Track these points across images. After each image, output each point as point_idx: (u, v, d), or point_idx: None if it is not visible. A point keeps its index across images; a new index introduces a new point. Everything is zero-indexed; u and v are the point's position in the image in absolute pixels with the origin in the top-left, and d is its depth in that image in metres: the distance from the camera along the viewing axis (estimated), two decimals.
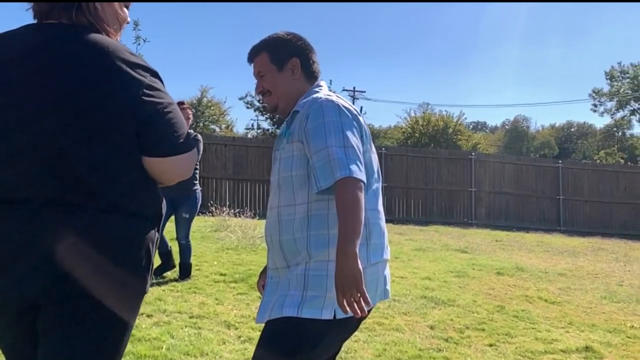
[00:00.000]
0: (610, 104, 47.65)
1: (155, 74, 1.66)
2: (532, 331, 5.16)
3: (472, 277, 7.75)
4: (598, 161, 38.73)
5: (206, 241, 9.34)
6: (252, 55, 2.26)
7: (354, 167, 1.90)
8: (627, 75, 45.66)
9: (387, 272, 2.20)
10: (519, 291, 7.04)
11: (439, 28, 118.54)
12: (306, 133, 2.01)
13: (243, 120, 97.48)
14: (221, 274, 6.61)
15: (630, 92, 44.63)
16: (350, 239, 1.81)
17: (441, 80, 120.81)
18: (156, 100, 1.62)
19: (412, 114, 37.27)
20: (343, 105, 2.07)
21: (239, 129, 45.49)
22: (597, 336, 5.14)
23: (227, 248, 8.73)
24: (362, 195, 1.87)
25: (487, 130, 76.47)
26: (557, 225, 17.81)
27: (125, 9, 1.80)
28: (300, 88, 2.22)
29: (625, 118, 49.37)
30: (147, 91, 1.61)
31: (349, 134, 1.99)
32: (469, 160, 18.06)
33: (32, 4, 1.70)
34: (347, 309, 1.80)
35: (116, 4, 1.75)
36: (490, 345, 4.66)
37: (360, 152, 1.99)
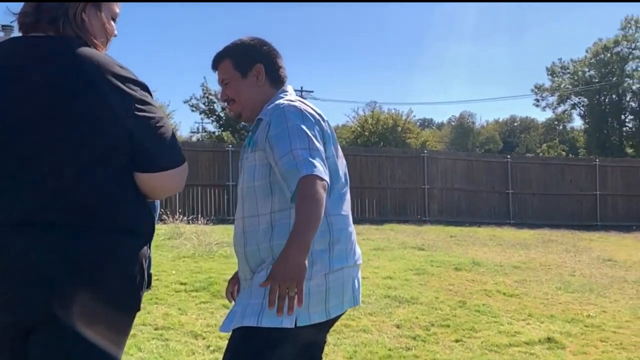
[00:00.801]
0: (552, 99, 49.04)
1: (145, 88, 1.62)
2: (495, 325, 5.27)
3: (432, 274, 7.85)
4: (541, 154, 39.86)
5: (161, 250, 9.15)
6: (216, 63, 2.22)
7: (318, 166, 1.87)
8: (568, 70, 47.04)
9: (358, 277, 2.18)
10: (478, 286, 7.18)
11: (386, 26, 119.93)
12: (269, 140, 1.97)
13: (187, 123, 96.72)
14: (181, 283, 6.50)
15: (570, 87, 46.03)
16: (304, 232, 1.76)
17: (388, 78, 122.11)
18: (148, 115, 1.58)
19: (361, 113, 37.59)
20: (306, 110, 2.05)
21: (183, 133, 44.85)
22: (557, 327, 5.28)
23: (183, 256, 8.57)
24: (323, 194, 1.84)
25: (434, 127, 77.72)
26: (507, 218, 18.22)
27: (112, 22, 1.75)
28: (266, 94, 2.17)
29: (566, 112, 50.91)
30: (139, 106, 1.57)
31: (312, 137, 1.96)
32: (421, 158, 18.29)
33: (17, 16, 1.64)
34: (275, 302, 1.67)
35: (103, 16, 1.69)
36: (457, 341, 4.74)
37: (323, 155, 1.97)
